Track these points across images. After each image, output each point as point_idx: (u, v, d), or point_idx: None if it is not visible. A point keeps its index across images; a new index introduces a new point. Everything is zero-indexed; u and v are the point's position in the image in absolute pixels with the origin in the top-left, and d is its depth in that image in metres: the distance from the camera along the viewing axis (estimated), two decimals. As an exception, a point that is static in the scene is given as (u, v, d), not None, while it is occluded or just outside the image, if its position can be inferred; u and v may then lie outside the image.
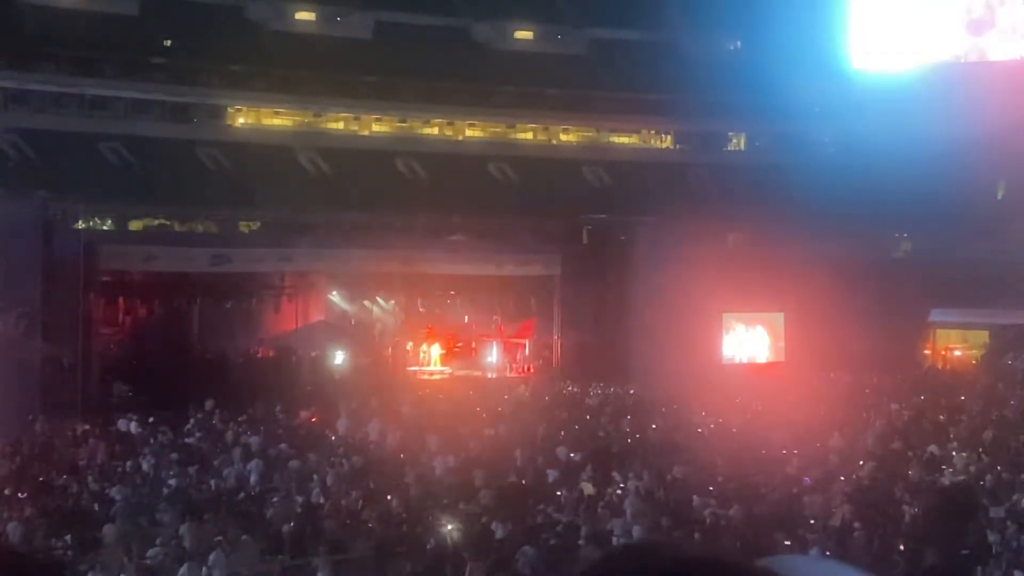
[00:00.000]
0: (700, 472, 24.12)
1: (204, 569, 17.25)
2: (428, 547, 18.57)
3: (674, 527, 19.76)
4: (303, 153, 55.49)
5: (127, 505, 21.17)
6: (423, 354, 48.98)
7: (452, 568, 17.36)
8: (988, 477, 23.79)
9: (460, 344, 50.64)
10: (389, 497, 22.05)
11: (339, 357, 45.00)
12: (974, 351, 53.22)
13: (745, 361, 48.54)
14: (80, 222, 43.04)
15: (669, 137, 62.91)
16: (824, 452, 27.17)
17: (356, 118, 58.21)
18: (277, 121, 57.36)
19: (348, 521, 20.68)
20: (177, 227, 51.04)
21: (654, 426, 32.28)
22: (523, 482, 23.91)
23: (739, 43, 64.08)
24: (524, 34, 61.70)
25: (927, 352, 53.08)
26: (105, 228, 47.47)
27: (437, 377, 46.23)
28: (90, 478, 23.79)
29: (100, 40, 52.91)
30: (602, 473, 24.31)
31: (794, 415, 32.63)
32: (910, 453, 27.30)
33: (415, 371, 47.01)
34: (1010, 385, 42.51)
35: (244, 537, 18.96)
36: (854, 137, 57.41)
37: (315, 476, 23.73)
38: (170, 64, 54.75)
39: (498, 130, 60.19)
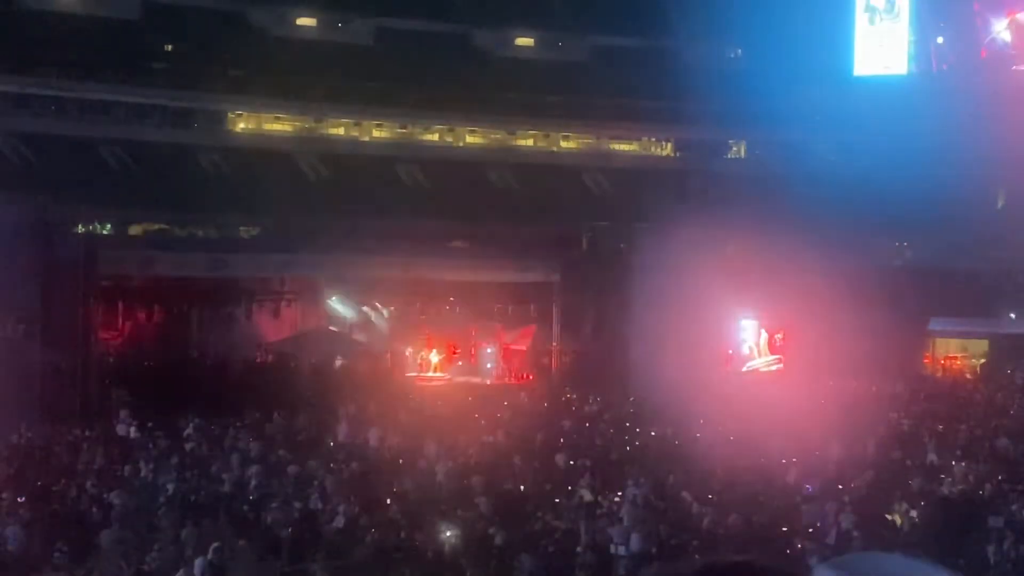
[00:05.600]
0: (699, 480, 24.11)
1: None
2: (427, 554, 18.55)
3: (672, 535, 19.76)
4: (303, 159, 55.51)
5: (125, 510, 21.14)
6: (422, 360, 48.98)
7: (451, 574, 17.36)
8: (987, 487, 23.79)
9: (459, 350, 50.62)
10: (388, 503, 22.03)
11: (338, 363, 44.98)
12: (974, 360, 53.19)
13: (745, 369, 48.51)
14: (80, 226, 43.04)
15: (669, 144, 62.93)
16: (823, 461, 27.15)
17: (357, 124, 58.23)
18: (278, 126, 57.38)
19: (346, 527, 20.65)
20: (177, 232, 51.05)
21: (653, 433, 32.25)
22: (522, 489, 23.89)
23: (739, 51, 64.13)
24: (525, 41, 61.74)
25: (926, 361, 53.03)
26: (105, 232, 47.52)
27: (436, 383, 46.20)
28: (88, 483, 23.75)
29: (101, 45, 52.94)
30: (601, 480, 24.30)
31: (793, 423, 32.60)
32: (909, 462, 27.31)
33: (414, 377, 46.98)
34: (1010, 395, 42.49)
35: (241, 543, 18.93)
36: (854, 145, 57.41)
37: (314, 482, 23.70)
38: (171, 69, 54.75)
39: (499, 136, 60.22)
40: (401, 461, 26.72)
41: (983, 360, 52.59)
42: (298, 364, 43.16)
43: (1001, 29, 61.89)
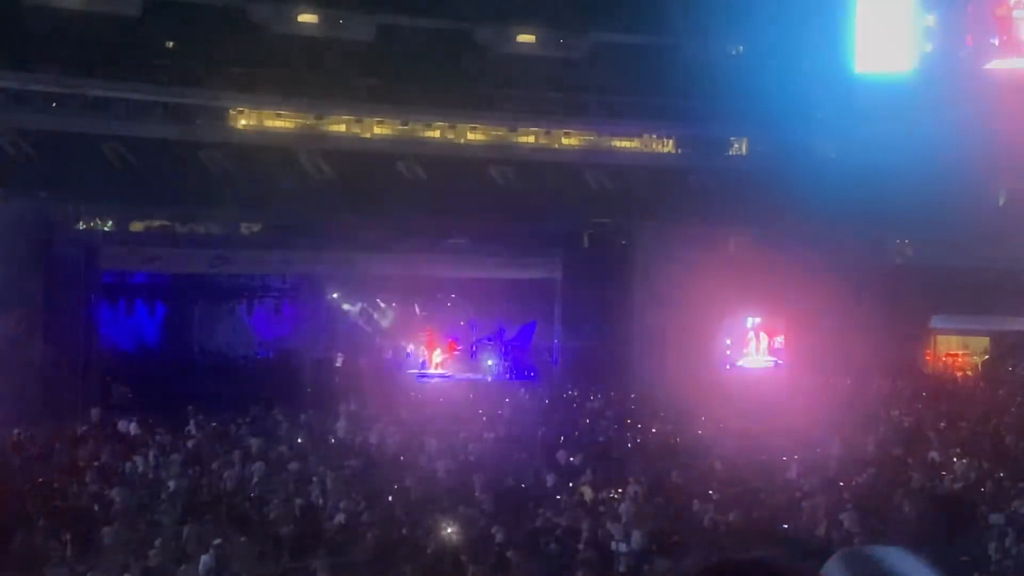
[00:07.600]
0: (700, 477, 24.11)
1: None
2: (427, 551, 18.55)
3: (673, 532, 19.76)
4: (304, 155, 55.46)
5: (126, 507, 21.15)
6: (423, 357, 48.99)
7: (451, 572, 17.35)
8: (988, 484, 23.79)
9: (460, 347, 50.64)
10: (389, 500, 22.04)
11: (339, 360, 44.99)
12: (975, 358, 53.19)
13: (746, 366, 48.52)
14: (81, 223, 43.00)
15: (671, 141, 62.86)
16: (824, 458, 27.15)
17: (358, 121, 58.17)
18: (279, 123, 57.31)
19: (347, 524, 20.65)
20: (178, 228, 51.02)
21: (654, 430, 32.27)
22: (523, 486, 23.90)
23: (741, 48, 64.04)
24: (526, 38, 61.64)
25: (928, 358, 53.03)
26: (106, 229, 47.45)
27: (437, 380, 46.21)
28: (89, 479, 23.75)
29: (102, 41, 52.87)
30: (602, 477, 24.30)
31: (794, 421, 32.61)
32: (910, 459, 27.29)
33: (415, 374, 47.01)
34: (1011, 392, 42.50)
35: (242, 539, 18.94)
36: (856, 142, 57.33)
37: (315, 479, 23.70)
38: (172, 65, 54.69)
39: (500, 133, 60.16)
40: (402, 458, 26.72)
41: (984, 357, 52.60)
42: (299, 361, 43.19)
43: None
